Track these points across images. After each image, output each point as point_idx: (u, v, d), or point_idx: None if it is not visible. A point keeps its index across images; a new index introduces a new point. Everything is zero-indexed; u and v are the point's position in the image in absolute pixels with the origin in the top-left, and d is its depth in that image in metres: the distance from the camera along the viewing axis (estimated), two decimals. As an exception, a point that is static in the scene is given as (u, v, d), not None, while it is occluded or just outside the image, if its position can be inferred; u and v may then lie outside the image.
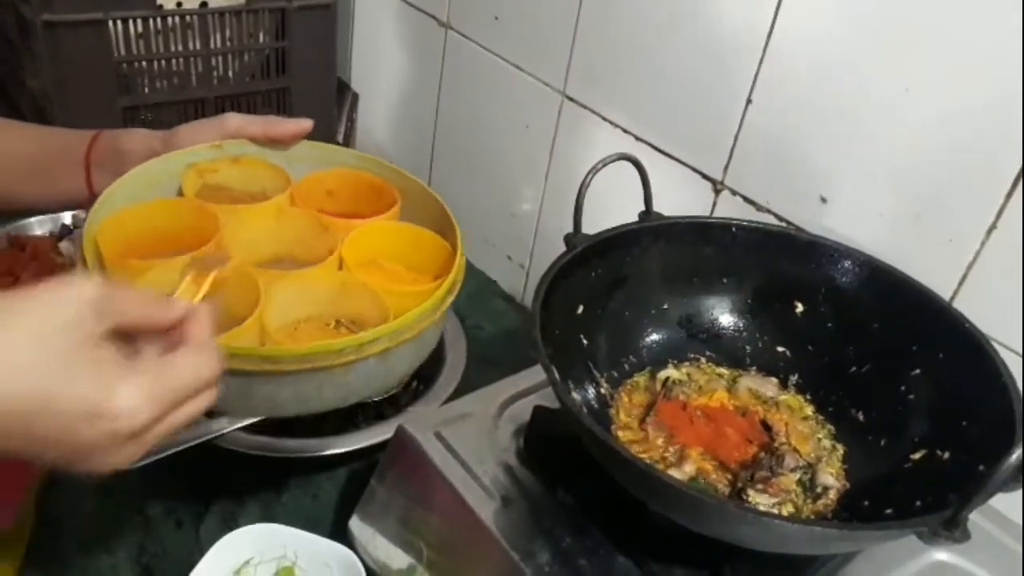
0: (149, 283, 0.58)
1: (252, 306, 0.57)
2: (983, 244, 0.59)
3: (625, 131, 0.82)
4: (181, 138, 0.65)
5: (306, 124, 0.66)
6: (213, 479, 0.72)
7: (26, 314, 0.40)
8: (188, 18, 1.04)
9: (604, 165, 0.61)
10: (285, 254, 0.66)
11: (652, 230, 0.65)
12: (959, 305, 0.60)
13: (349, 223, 0.65)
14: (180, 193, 0.67)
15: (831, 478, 0.57)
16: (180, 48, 1.06)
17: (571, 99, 0.87)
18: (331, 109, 1.19)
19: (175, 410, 0.43)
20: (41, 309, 0.40)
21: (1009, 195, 0.57)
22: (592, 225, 0.62)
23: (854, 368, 0.62)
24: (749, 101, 0.70)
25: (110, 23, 0.99)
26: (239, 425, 0.70)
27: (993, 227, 0.58)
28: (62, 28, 0.96)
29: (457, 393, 0.77)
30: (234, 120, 0.64)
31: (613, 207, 0.63)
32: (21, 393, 0.38)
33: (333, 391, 0.57)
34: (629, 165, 0.62)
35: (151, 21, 1.02)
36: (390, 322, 0.57)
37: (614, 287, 0.64)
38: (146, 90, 1.06)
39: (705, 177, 0.76)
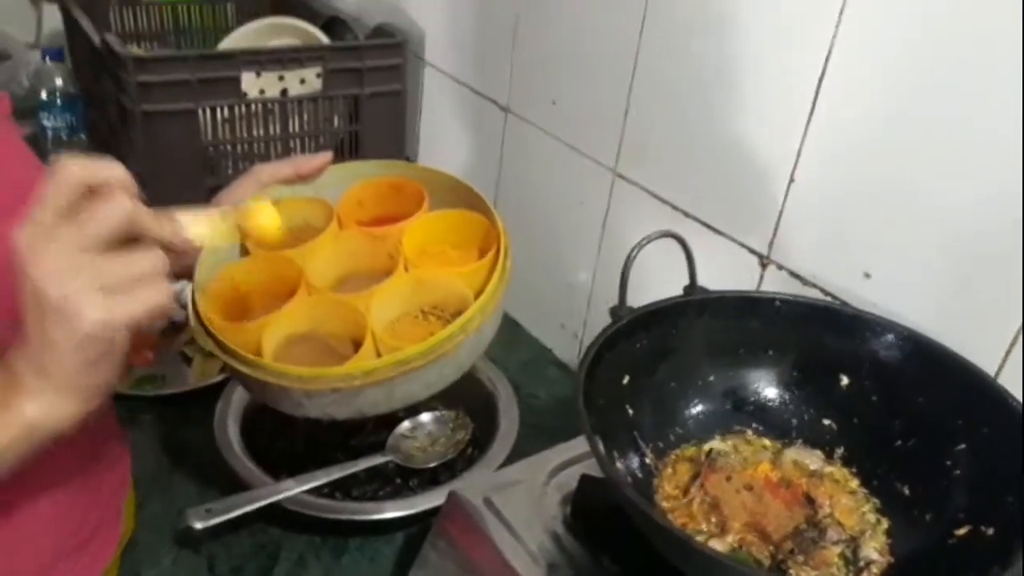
0: (269, 337, 0.66)
1: (359, 329, 0.66)
2: (1025, 319, 0.59)
3: (674, 207, 0.85)
4: (225, 204, 0.69)
5: (328, 156, 0.72)
6: (278, 540, 0.76)
7: None
8: (269, 105, 1.13)
9: (648, 241, 0.64)
10: (352, 271, 0.73)
11: (697, 304, 0.67)
12: (1003, 380, 0.60)
13: (396, 228, 0.72)
14: (243, 251, 0.73)
15: (875, 552, 0.57)
16: (262, 132, 1.15)
17: (622, 177, 0.91)
18: (399, 186, 1.26)
19: (80, 212, 0.46)
20: None
21: (1049, 271, 0.58)
22: (644, 297, 0.65)
23: (899, 442, 0.63)
24: (792, 180, 0.73)
25: (200, 111, 1.08)
26: (305, 488, 0.75)
27: (1035, 303, 0.59)
28: (158, 116, 1.05)
29: (510, 460, 0.80)
30: (265, 170, 0.69)
31: (664, 280, 0.66)
32: None
33: (451, 370, 0.66)
34: (681, 238, 0.65)
35: (236, 108, 1.11)
36: (473, 300, 0.66)
37: (660, 359, 0.66)
38: (230, 171, 1.15)
39: (752, 252, 0.78)
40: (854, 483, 0.63)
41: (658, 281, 0.67)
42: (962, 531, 0.55)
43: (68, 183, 0.47)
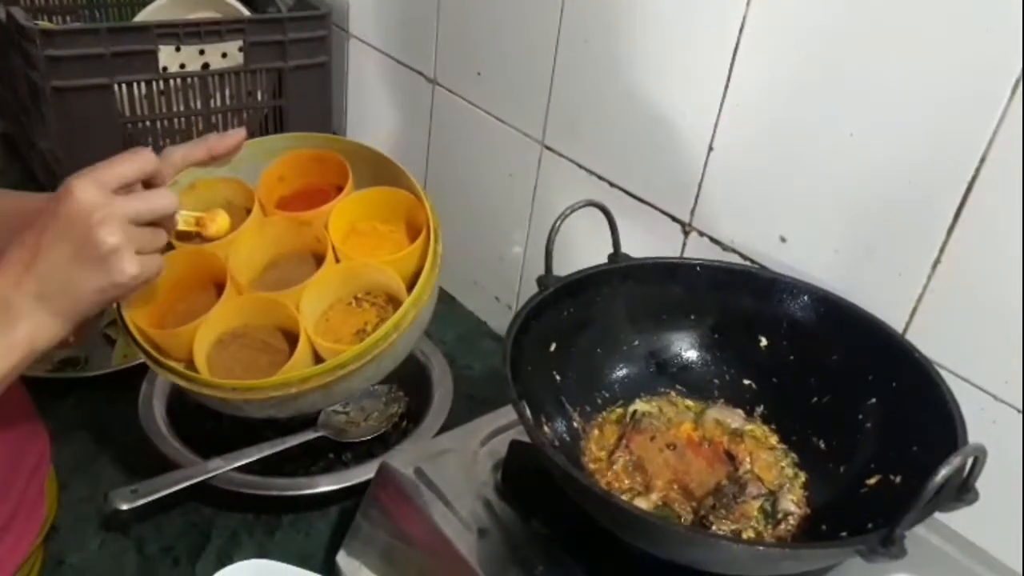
0: (200, 340, 0.65)
1: (292, 322, 0.66)
2: (929, 278, 0.62)
3: (600, 178, 0.86)
4: None
5: (241, 133, 0.70)
6: (210, 518, 0.75)
7: None
8: (189, 79, 1.10)
9: (572, 211, 0.65)
10: (279, 255, 0.72)
11: (621, 271, 0.68)
12: (911, 336, 0.63)
13: (321, 211, 0.70)
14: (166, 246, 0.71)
15: (792, 504, 0.60)
16: (182, 108, 1.12)
17: (550, 148, 0.91)
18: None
19: (127, 196, 0.56)
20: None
21: (950, 231, 0.60)
22: (574, 266, 0.66)
23: (815, 398, 0.65)
24: (711, 148, 0.74)
25: (115, 86, 1.05)
26: (234, 465, 0.74)
27: (937, 261, 0.61)
28: (70, 92, 1.02)
29: (444, 431, 0.80)
30: (177, 153, 0.67)
31: (591, 249, 0.67)
32: None
33: (389, 362, 0.68)
34: (608, 208, 0.66)
35: (154, 83, 1.08)
36: (405, 289, 0.66)
37: (585, 325, 0.67)
38: (150, 148, 1.11)
39: (675, 220, 0.80)
40: (773, 439, 0.66)
41: (586, 250, 0.68)
42: (873, 480, 0.58)
43: (142, 167, 0.57)
